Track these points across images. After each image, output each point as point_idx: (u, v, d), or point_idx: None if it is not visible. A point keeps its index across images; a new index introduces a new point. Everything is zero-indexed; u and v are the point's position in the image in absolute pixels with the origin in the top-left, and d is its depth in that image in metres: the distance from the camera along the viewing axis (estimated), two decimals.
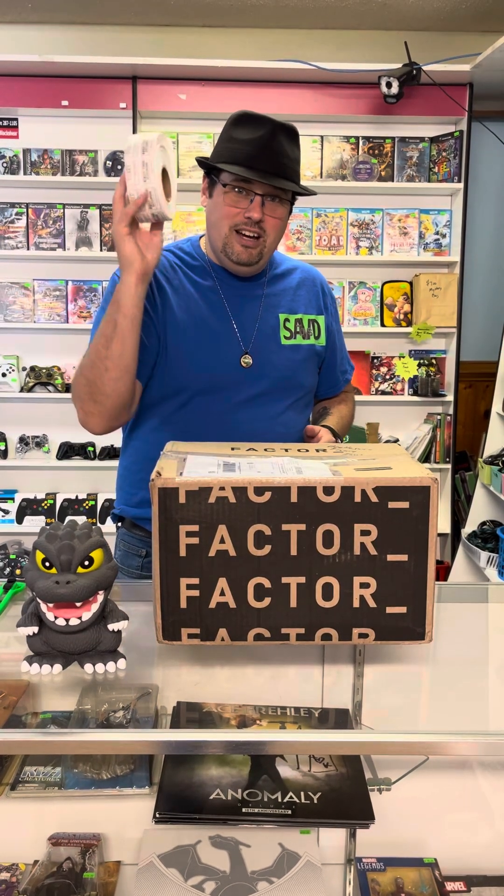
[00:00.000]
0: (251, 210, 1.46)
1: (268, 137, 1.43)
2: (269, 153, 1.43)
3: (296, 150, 1.49)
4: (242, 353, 1.55)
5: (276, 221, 1.50)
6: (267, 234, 1.49)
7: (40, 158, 3.74)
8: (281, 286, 1.63)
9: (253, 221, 1.46)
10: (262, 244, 1.50)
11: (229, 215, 1.48)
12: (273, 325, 1.59)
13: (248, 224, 1.47)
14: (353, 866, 1.24)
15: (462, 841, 1.27)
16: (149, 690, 1.07)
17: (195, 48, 3.83)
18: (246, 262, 1.52)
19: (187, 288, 1.56)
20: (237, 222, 1.48)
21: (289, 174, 1.47)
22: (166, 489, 1.02)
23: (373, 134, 3.81)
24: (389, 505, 1.03)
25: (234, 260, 1.52)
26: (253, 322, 1.57)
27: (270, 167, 1.44)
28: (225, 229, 1.49)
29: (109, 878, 1.20)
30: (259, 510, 1.03)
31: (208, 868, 1.17)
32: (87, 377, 1.44)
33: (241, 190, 1.46)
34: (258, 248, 1.50)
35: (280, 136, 1.44)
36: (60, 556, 1.01)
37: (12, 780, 1.25)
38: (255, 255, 1.51)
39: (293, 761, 1.19)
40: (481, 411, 4.19)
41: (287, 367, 1.59)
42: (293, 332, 1.60)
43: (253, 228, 1.47)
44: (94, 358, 1.42)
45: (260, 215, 1.46)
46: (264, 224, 1.48)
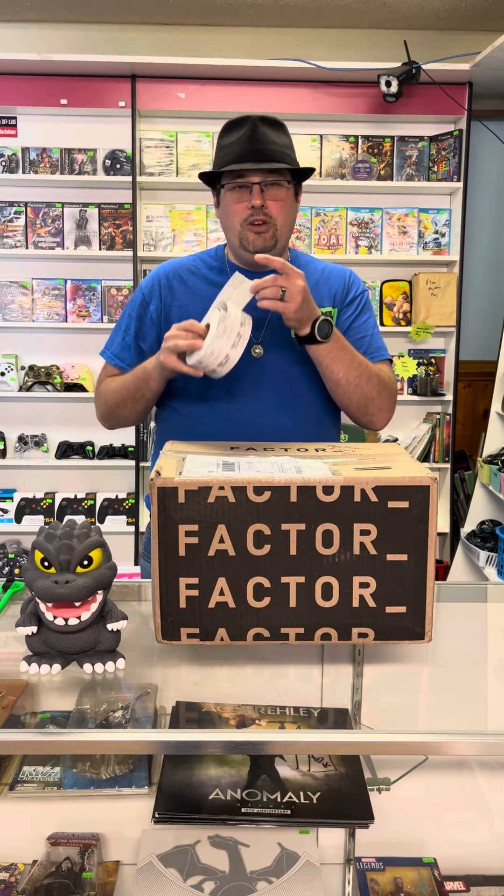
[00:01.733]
0: (252, 199, 1.53)
1: (250, 131, 1.52)
2: (253, 144, 1.52)
3: (283, 137, 1.57)
4: (253, 344, 1.59)
5: (280, 204, 1.55)
6: (275, 219, 1.55)
7: (39, 157, 3.74)
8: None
9: (257, 209, 1.53)
10: (272, 228, 1.56)
11: (236, 213, 1.56)
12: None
13: (253, 213, 1.54)
14: (352, 866, 1.23)
15: (461, 841, 1.27)
16: (148, 690, 1.07)
17: (194, 47, 3.82)
18: (262, 248, 1.57)
19: (203, 288, 1.63)
20: (245, 216, 1.55)
21: (278, 157, 1.53)
22: (165, 489, 1.02)
23: (372, 133, 3.81)
24: (389, 504, 1.03)
25: (251, 250, 1.57)
26: (265, 315, 1.60)
27: (258, 156, 1.52)
28: (237, 227, 1.57)
29: (108, 878, 1.20)
30: (258, 510, 1.02)
31: (207, 868, 1.17)
32: (109, 407, 1.67)
33: (240, 186, 1.54)
34: (269, 231, 1.56)
35: (262, 127, 1.53)
36: (59, 556, 1.01)
37: (11, 780, 1.25)
38: (269, 238, 1.56)
39: (292, 761, 1.19)
40: (480, 411, 4.19)
41: (300, 359, 1.60)
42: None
43: (258, 216, 1.54)
44: (118, 400, 1.63)
45: (261, 201, 1.53)
46: (268, 210, 1.54)
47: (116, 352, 1.68)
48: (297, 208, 1.63)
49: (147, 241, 3.80)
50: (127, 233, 3.76)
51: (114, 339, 1.70)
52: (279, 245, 1.59)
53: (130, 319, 1.67)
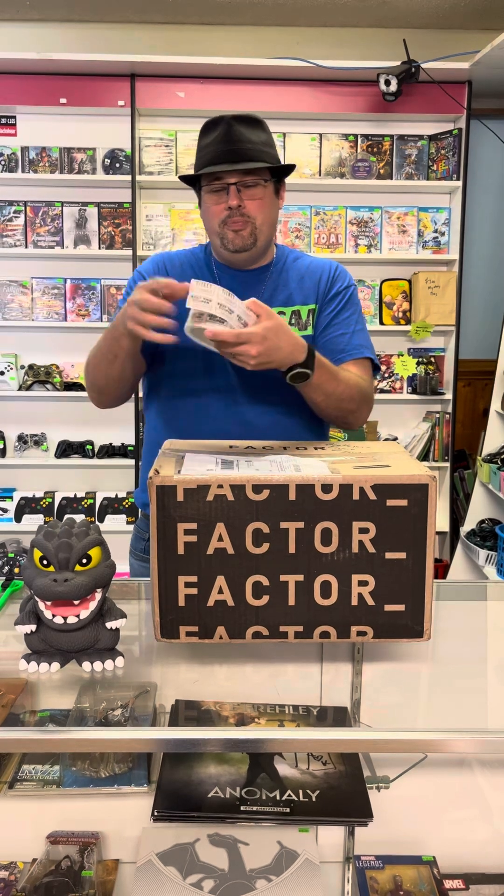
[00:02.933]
0: (229, 199, 1.53)
1: (225, 132, 1.52)
2: (228, 144, 1.51)
3: (260, 134, 1.55)
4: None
5: (258, 203, 1.54)
6: (253, 217, 1.54)
7: (38, 156, 3.74)
8: (283, 280, 1.65)
9: (234, 210, 1.52)
10: (251, 226, 1.55)
11: (215, 214, 1.56)
12: None
13: (231, 214, 1.53)
14: (351, 864, 1.23)
15: (460, 839, 1.27)
16: (147, 688, 1.07)
17: (194, 46, 3.82)
18: (241, 248, 1.56)
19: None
20: (223, 217, 1.55)
21: (254, 156, 1.52)
22: (164, 487, 1.02)
23: (371, 132, 3.81)
24: (388, 503, 1.03)
25: (230, 249, 1.57)
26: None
27: (233, 156, 1.51)
28: (216, 226, 1.57)
29: (108, 877, 1.20)
30: (257, 508, 1.02)
31: (207, 866, 1.17)
32: (90, 378, 1.61)
33: (217, 189, 1.54)
34: (247, 228, 1.55)
35: (236, 127, 1.52)
36: (58, 554, 1.01)
37: (10, 778, 1.25)
38: (248, 236, 1.55)
39: (292, 759, 1.19)
40: (480, 409, 4.19)
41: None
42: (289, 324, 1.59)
43: (236, 217, 1.53)
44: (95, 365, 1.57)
45: (237, 201, 1.52)
46: (246, 210, 1.53)
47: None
48: (278, 205, 1.62)
49: (146, 240, 3.80)
50: (126, 232, 3.76)
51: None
52: (259, 243, 1.58)
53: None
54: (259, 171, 1.53)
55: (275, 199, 1.60)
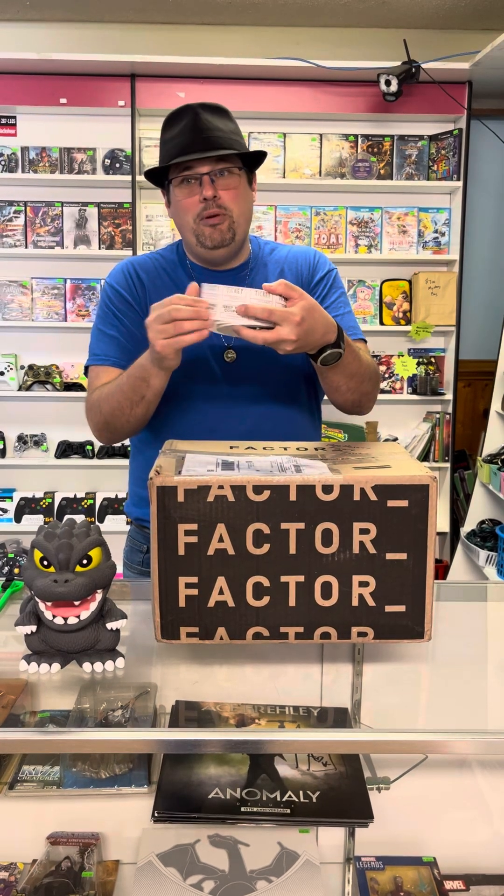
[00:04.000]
0: (203, 190, 1.44)
1: (192, 121, 1.45)
2: (197, 133, 1.44)
3: (228, 123, 1.49)
4: (225, 349, 1.52)
5: (234, 192, 1.47)
6: (230, 209, 1.47)
7: (38, 156, 3.74)
8: (262, 276, 1.58)
9: (210, 201, 1.44)
10: (228, 219, 1.47)
11: (188, 207, 1.47)
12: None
13: (206, 206, 1.45)
14: (351, 865, 1.23)
15: (461, 840, 1.27)
16: (147, 689, 1.07)
17: (194, 46, 3.82)
18: (220, 243, 1.49)
19: (168, 286, 1.55)
20: (197, 211, 1.46)
21: (226, 144, 1.45)
22: (165, 488, 1.02)
23: (372, 132, 3.81)
24: (388, 503, 1.03)
25: (208, 246, 1.49)
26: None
27: (204, 144, 1.43)
28: (190, 223, 1.48)
29: (108, 878, 1.20)
30: (258, 509, 1.02)
31: (207, 867, 1.17)
32: (105, 418, 1.50)
33: (189, 179, 1.46)
34: (225, 222, 1.47)
35: (204, 115, 1.45)
36: (59, 555, 1.01)
37: (10, 779, 1.25)
38: (226, 230, 1.48)
39: (292, 760, 1.19)
40: (480, 410, 4.19)
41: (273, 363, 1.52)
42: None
43: (212, 209, 1.45)
44: (114, 406, 1.46)
45: (213, 192, 1.44)
46: (221, 200, 1.45)
47: (102, 351, 1.55)
48: (252, 198, 1.54)
49: (146, 240, 3.80)
50: (126, 232, 3.76)
51: (94, 342, 1.58)
52: (237, 237, 1.50)
53: (106, 315, 1.57)
54: (232, 159, 1.45)
55: (249, 191, 1.52)
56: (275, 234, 3.81)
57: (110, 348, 1.55)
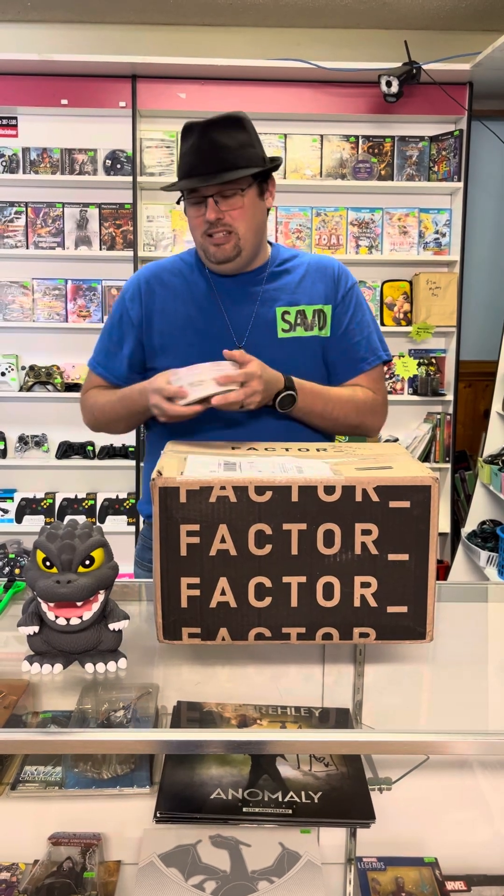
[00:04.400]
0: (207, 213, 1.49)
1: (198, 141, 1.47)
2: (203, 155, 1.46)
3: (238, 136, 1.49)
4: (235, 347, 1.55)
5: (239, 212, 1.50)
6: (236, 227, 1.51)
7: (40, 157, 3.74)
8: (283, 281, 1.62)
9: (213, 223, 1.49)
10: (234, 238, 1.51)
11: (197, 226, 1.54)
12: (270, 319, 1.58)
13: (211, 227, 1.51)
14: (353, 866, 1.23)
15: (462, 840, 1.27)
16: (149, 690, 1.07)
17: (195, 47, 3.82)
18: (223, 260, 1.54)
19: (182, 289, 1.61)
20: (204, 229, 1.52)
21: (230, 163, 1.46)
22: (167, 488, 1.02)
23: (373, 133, 3.81)
24: (390, 504, 1.03)
25: (213, 261, 1.55)
26: (248, 318, 1.57)
27: (208, 167, 1.46)
28: (199, 239, 1.55)
29: (110, 878, 1.20)
30: (260, 509, 1.02)
31: (209, 867, 1.17)
32: (98, 420, 1.67)
33: (196, 201, 1.51)
34: (230, 242, 1.52)
35: (211, 134, 1.46)
36: (61, 556, 1.01)
37: (13, 779, 1.25)
38: (230, 249, 1.52)
39: (294, 761, 1.19)
40: (481, 410, 4.19)
41: (286, 360, 1.55)
42: (293, 325, 1.59)
43: (216, 229, 1.51)
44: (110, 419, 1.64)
45: (215, 215, 1.48)
46: (226, 220, 1.50)
47: (101, 360, 1.66)
48: (264, 208, 1.57)
49: (147, 241, 3.80)
50: (127, 233, 3.76)
51: (98, 347, 1.68)
52: (245, 252, 1.54)
53: (113, 327, 1.65)
54: (238, 180, 1.47)
55: (259, 203, 1.54)
56: (275, 235, 3.81)
57: (108, 360, 1.65)
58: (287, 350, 1.57)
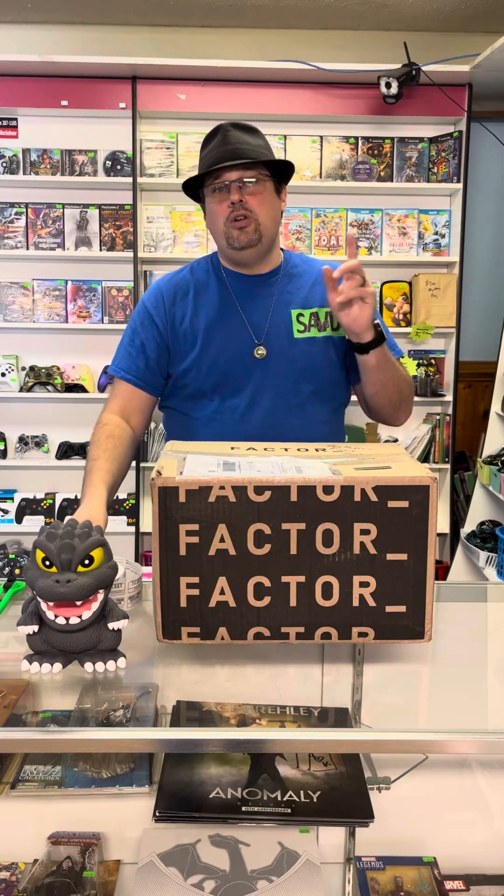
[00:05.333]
0: (231, 196, 1.56)
1: (222, 137, 1.57)
2: (226, 146, 1.56)
3: (257, 139, 1.60)
4: (256, 346, 1.62)
5: (259, 198, 1.57)
6: (255, 213, 1.57)
7: (40, 158, 3.74)
8: (296, 284, 1.68)
9: (237, 205, 1.55)
10: (254, 222, 1.58)
11: (219, 213, 1.59)
12: (286, 320, 1.64)
13: (234, 209, 1.56)
14: (352, 865, 1.24)
15: (461, 840, 1.27)
16: (149, 689, 1.07)
17: (195, 48, 3.83)
18: (246, 244, 1.59)
19: (201, 296, 1.66)
20: (226, 215, 1.58)
21: (252, 155, 1.55)
22: (166, 488, 1.02)
23: (372, 134, 3.81)
24: (389, 504, 1.04)
25: (236, 247, 1.59)
26: (265, 317, 1.64)
27: (232, 155, 1.55)
28: (221, 226, 1.59)
29: (109, 877, 1.20)
30: (259, 509, 1.03)
31: (208, 867, 1.17)
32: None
33: (219, 188, 1.57)
34: (251, 224, 1.58)
35: (233, 131, 1.57)
36: (61, 555, 1.01)
37: (12, 778, 1.25)
38: (252, 232, 1.58)
39: (293, 760, 1.20)
40: (480, 411, 4.19)
41: (303, 358, 1.63)
42: (307, 326, 1.65)
43: (239, 212, 1.56)
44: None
45: (239, 196, 1.55)
46: (247, 204, 1.56)
47: (123, 365, 1.67)
48: (280, 206, 1.65)
49: (147, 241, 3.81)
50: (127, 234, 3.77)
51: (120, 353, 1.69)
52: (264, 240, 1.61)
53: (135, 332, 1.67)
54: (258, 168, 1.57)
55: (276, 199, 1.62)
56: None
57: (130, 364, 1.66)
58: (303, 349, 1.63)
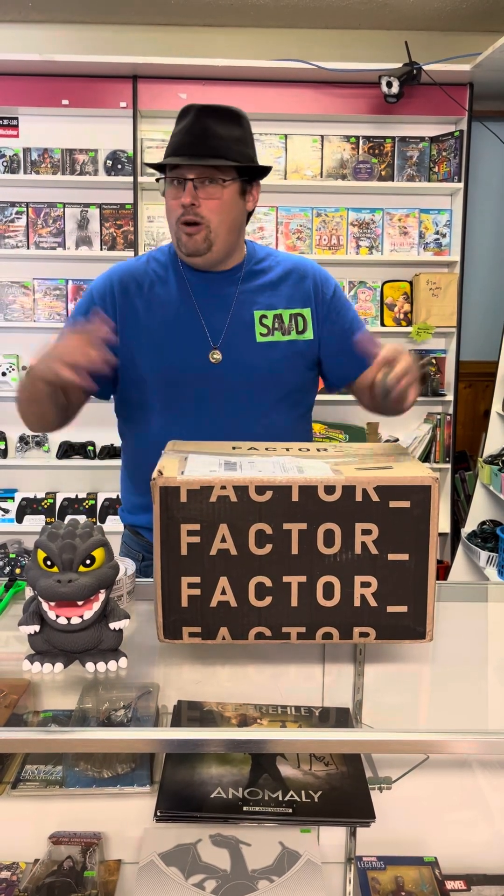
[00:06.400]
0: (183, 196, 1.42)
1: (192, 123, 1.43)
2: (193, 137, 1.42)
3: (232, 130, 1.45)
4: (211, 349, 1.51)
5: (216, 203, 1.43)
6: (207, 219, 1.44)
7: (40, 157, 3.74)
8: (259, 282, 1.57)
9: (188, 208, 1.42)
10: (204, 229, 1.44)
11: (172, 209, 1.46)
12: (247, 321, 1.53)
13: (185, 212, 1.43)
14: (353, 865, 1.24)
15: (462, 840, 1.27)
16: (150, 689, 1.07)
17: (196, 47, 3.82)
18: (194, 251, 1.47)
19: (157, 292, 1.55)
20: (179, 214, 1.45)
21: (218, 152, 1.41)
22: (168, 488, 1.02)
23: (373, 133, 3.81)
24: (390, 504, 1.03)
25: (184, 252, 1.48)
26: (223, 318, 1.52)
27: (196, 150, 1.41)
28: (173, 225, 1.48)
29: (110, 877, 1.20)
30: (260, 509, 1.03)
31: (209, 866, 1.17)
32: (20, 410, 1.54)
33: (176, 181, 1.44)
34: (201, 232, 1.44)
35: (206, 119, 1.42)
36: (62, 555, 1.01)
37: (13, 778, 1.25)
38: (201, 241, 1.45)
39: (294, 760, 1.20)
40: (481, 411, 4.19)
41: (265, 364, 1.52)
42: (270, 329, 1.53)
43: (189, 216, 1.43)
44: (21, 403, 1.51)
45: (190, 199, 1.41)
46: (200, 209, 1.43)
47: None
48: (243, 208, 1.50)
49: (148, 241, 3.81)
50: (128, 233, 3.77)
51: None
52: (216, 248, 1.47)
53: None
54: (223, 168, 1.41)
55: (238, 202, 1.48)
56: (276, 236, 3.82)
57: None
58: (265, 354, 1.53)
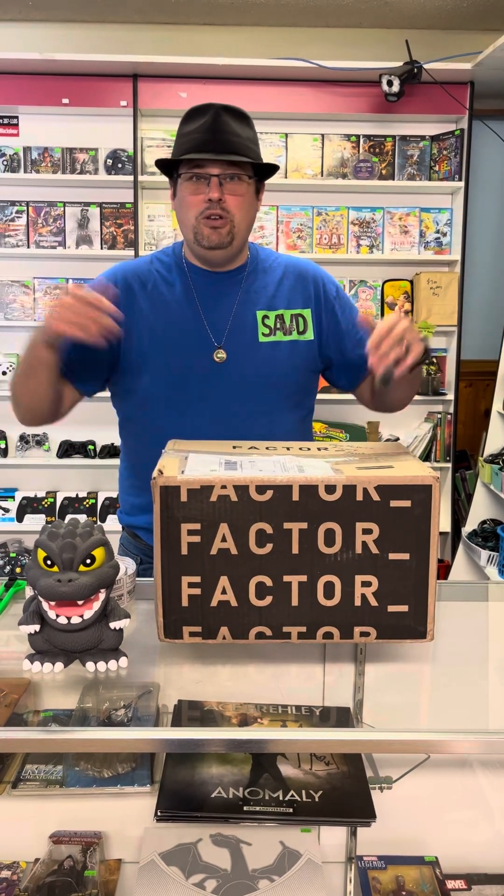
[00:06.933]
0: (210, 191, 1.45)
1: (212, 120, 1.45)
2: (216, 134, 1.45)
3: (246, 130, 1.49)
4: (215, 349, 1.52)
5: (239, 199, 1.47)
6: (232, 214, 1.47)
7: (41, 156, 3.74)
8: (261, 282, 1.58)
9: (214, 203, 1.45)
10: (229, 223, 1.48)
11: (193, 204, 1.48)
12: (250, 321, 1.55)
13: (210, 207, 1.46)
14: (353, 864, 1.24)
15: (463, 839, 1.27)
16: (150, 689, 1.07)
17: (196, 46, 3.82)
18: (217, 244, 1.49)
19: (161, 291, 1.56)
20: (201, 209, 1.47)
21: (241, 150, 1.46)
22: (168, 487, 1.02)
23: (374, 132, 3.81)
24: (391, 503, 1.03)
25: (205, 245, 1.49)
26: (227, 318, 1.54)
27: (220, 146, 1.44)
28: (192, 220, 1.49)
29: (110, 877, 1.20)
30: (261, 508, 1.03)
31: (209, 866, 1.17)
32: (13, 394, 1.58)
33: (198, 177, 1.46)
34: (226, 226, 1.48)
35: (225, 117, 1.46)
36: (62, 555, 1.01)
37: (13, 778, 1.25)
38: (225, 234, 1.48)
39: (294, 760, 1.19)
40: (482, 410, 4.19)
41: (267, 363, 1.54)
42: (272, 329, 1.55)
43: (215, 210, 1.46)
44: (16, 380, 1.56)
45: (219, 194, 1.45)
46: (226, 204, 1.46)
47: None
48: (257, 207, 1.55)
49: (149, 240, 3.80)
50: (128, 232, 3.76)
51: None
52: (236, 243, 1.50)
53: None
54: (243, 166, 1.46)
55: (254, 200, 1.53)
56: (276, 235, 3.81)
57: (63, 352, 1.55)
58: (268, 353, 1.54)
